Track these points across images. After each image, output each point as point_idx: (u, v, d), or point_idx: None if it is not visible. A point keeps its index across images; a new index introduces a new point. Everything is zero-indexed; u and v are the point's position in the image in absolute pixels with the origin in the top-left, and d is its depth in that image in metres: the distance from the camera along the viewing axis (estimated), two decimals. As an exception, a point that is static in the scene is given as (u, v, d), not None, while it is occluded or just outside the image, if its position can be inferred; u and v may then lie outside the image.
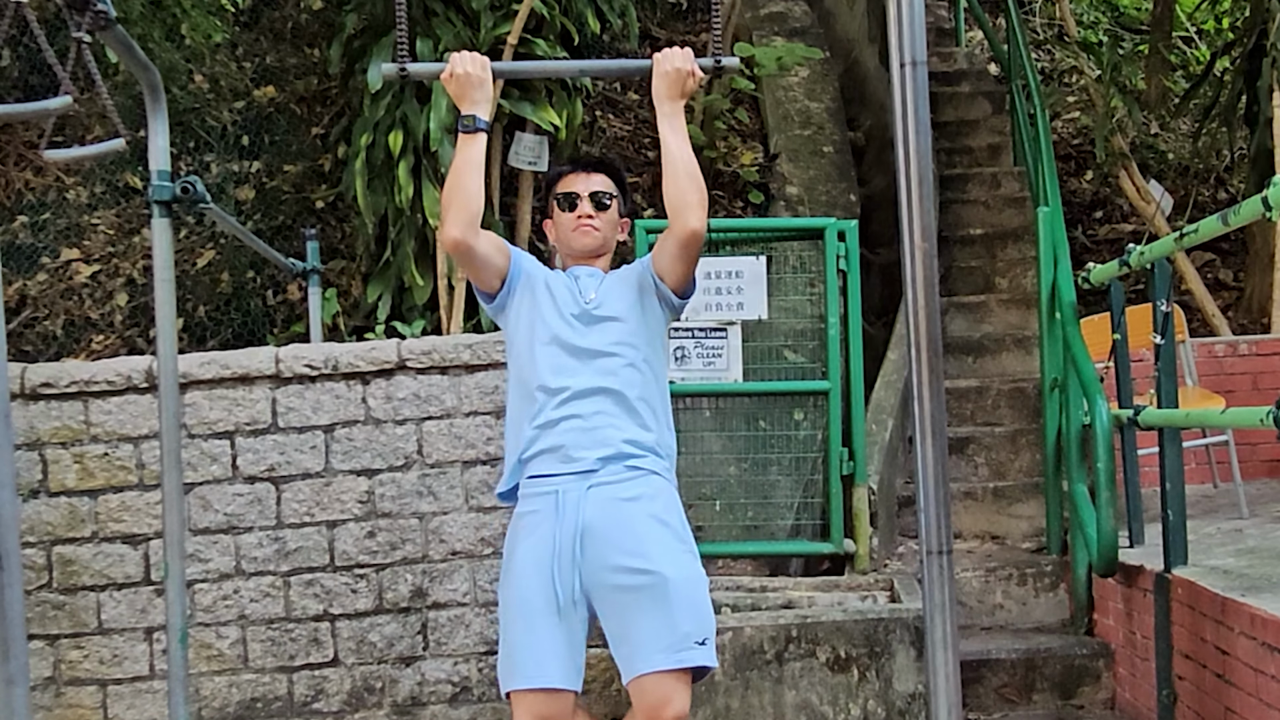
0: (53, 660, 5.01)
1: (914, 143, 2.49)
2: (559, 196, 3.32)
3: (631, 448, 3.11)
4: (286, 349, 5.13)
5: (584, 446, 3.07)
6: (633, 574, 3.00)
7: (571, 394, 3.10)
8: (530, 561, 3.06)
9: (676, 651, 2.98)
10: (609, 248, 3.35)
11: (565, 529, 3.04)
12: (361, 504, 5.08)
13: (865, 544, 5.37)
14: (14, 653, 2.12)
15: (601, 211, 3.29)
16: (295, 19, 8.19)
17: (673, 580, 3.01)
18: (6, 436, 2.12)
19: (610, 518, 3.04)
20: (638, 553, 3.02)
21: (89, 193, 7.43)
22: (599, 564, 3.02)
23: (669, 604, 2.99)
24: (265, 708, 5.05)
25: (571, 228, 3.29)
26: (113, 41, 3.28)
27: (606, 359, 3.13)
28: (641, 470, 3.12)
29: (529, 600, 3.04)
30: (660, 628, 2.98)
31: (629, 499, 3.07)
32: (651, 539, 3.05)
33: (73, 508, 5.03)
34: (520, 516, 3.16)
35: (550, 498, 3.08)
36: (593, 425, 3.09)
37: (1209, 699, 4.06)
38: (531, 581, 3.04)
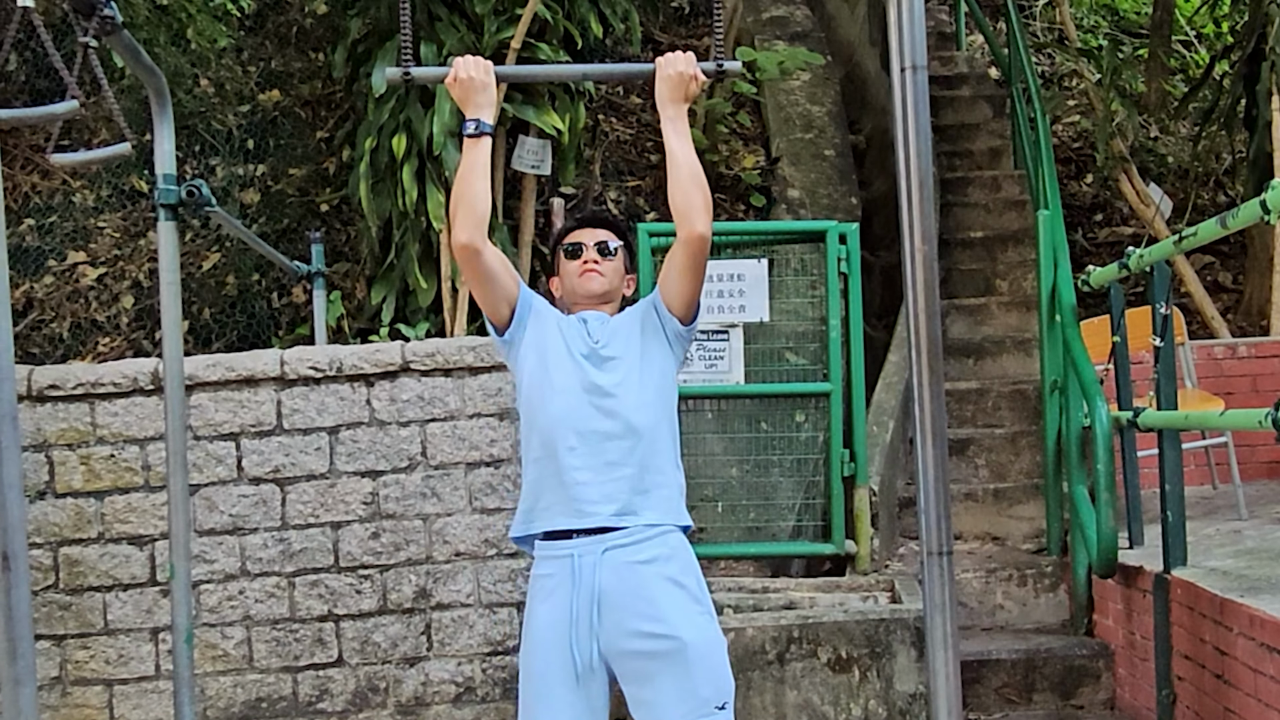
0: (59, 660, 5.02)
1: (915, 146, 2.49)
2: (565, 248, 3.30)
3: (643, 500, 3.05)
4: (291, 351, 5.14)
5: (595, 501, 3.02)
6: (651, 639, 2.96)
7: (582, 440, 3.05)
8: (548, 629, 3.01)
9: (697, 718, 2.95)
10: (615, 296, 3.29)
11: (582, 596, 2.99)
12: (366, 505, 5.08)
13: (866, 545, 5.37)
14: (21, 652, 2.12)
15: (606, 259, 3.25)
16: (300, 23, 8.20)
17: (691, 645, 2.97)
18: (14, 438, 2.13)
19: (626, 583, 2.99)
20: (655, 618, 2.97)
21: (95, 196, 7.44)
22: (617, 630, 2.98)
23: (688, 670, 2.95)
24: (270, 708, 5.05)
25: (578, 273, 3.25)
26: (119, 46, 3.29)
27: (614, 400, 3.08)
28: (656, 528, 3.06)
29: (547, 670, 2.99)
30: (679, 694, 2.95)
31: (645, 561, 3.01)
32: (668, 603, 3.00)
33: (79, 509, 5.04)
34: (537, 579, 3.10)
35: (566, 561, 3.02)
36: (604, 477, 3.03)
37: (1208, 699, 4.06)
38: (550, 650, 2.99)
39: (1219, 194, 9.40)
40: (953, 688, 2.50)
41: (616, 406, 3.07)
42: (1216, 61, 8.95)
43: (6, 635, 2.12)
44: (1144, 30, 11.24)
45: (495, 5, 6.40)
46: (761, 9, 9.43)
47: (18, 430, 2.14)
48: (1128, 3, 12.20)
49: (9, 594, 2.11)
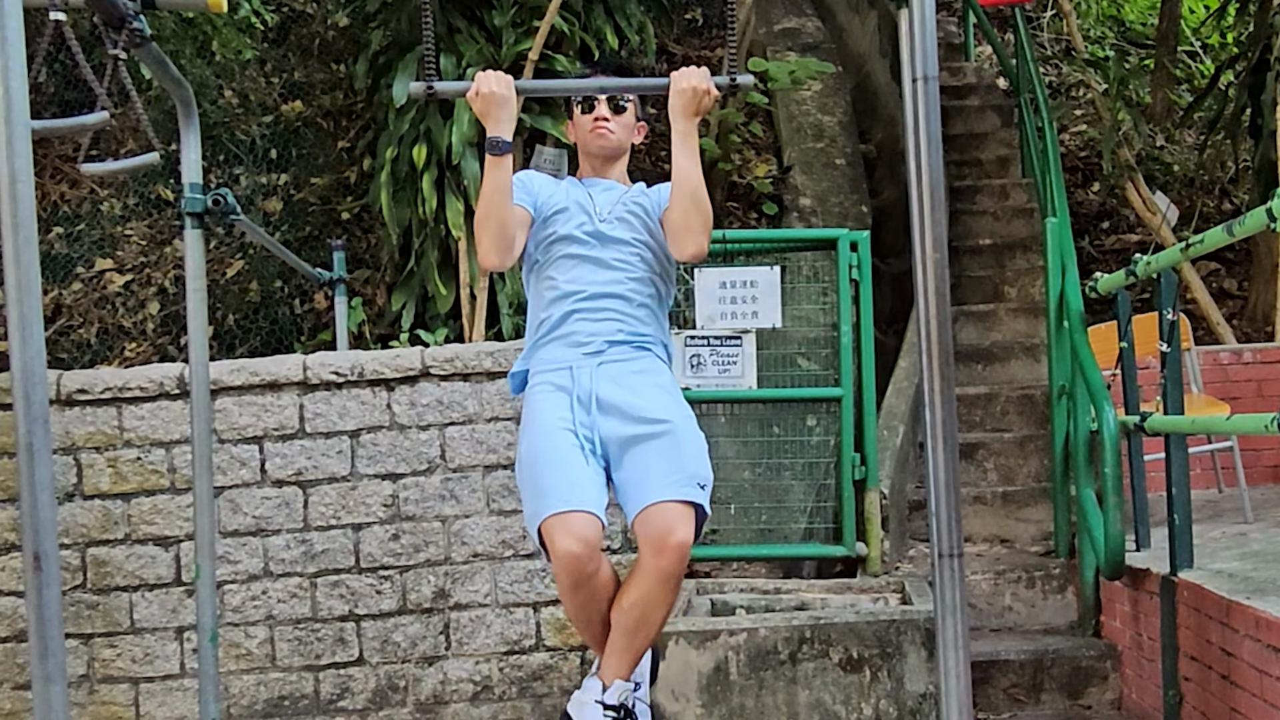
0: (87, 659, 5.04)
1: (925, 155, 2.49)
2: (579, 100, 3.41)
3: (635, 336, 3.28)
4: (314, 356, 5.16)
5: (592, 334, 3.24)
6: (646, 423, 3.15)
7: (584, 295, 3.24)
8: (552, 417, 3.17)
9: (682, 486, 3.10)
10: (624, 149, 3.45)
11: (581, 394, 3.19)
12: (386, 507, 5.10)
13: (877, 547, 5.36)
14: (52, 651, 2.13)
15: (618, 114, 3.38)
16: (322, 36, 8.23)
17: (681, 429, 3.17)
18: (45, 441, 2.14)
19: (621, 384, 3.20)
20: (649, 408, 3.18)
21: (122, 205, 7.48)
22: (615, 418, 3.17)
23: (678, 448, 3.13)
24: (292, 705, 5.06)
25: (589, 129, 3.38)
26: (147, 58, 3.30)
27: (616, 271, 3.28)
28: (647, 350, 3.30)
29: (557, 444, 3.13)
30: (669, 467, 3.11)
31: (637, 371, 3.24)
32: (660, 399, 3.21)
33: (106, 510, 5.06)
34: (535, 387, 3.28)
35: (564, 371, 3.23)
36: (601, 318, 3.25)
37: (1214, 700, 4.05)
38: (557, 431, 3.15)
39: (1224, 202, 9.37)
40: (963, 687, 2.50)
41: (618, 276, 3.27)
42: (1222, 71, 8.92)
43: (38, 634, 2.13)
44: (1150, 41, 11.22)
45: (513, 18, 6.42)
46: (774, 21, 9.44)
47: (49, 433, 2.15)
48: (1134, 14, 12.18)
49: (40, 593, 2.12)
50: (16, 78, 2.14)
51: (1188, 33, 11.15)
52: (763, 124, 8.63)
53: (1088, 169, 9.77)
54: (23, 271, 2.16)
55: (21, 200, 2.16)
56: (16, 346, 2.14)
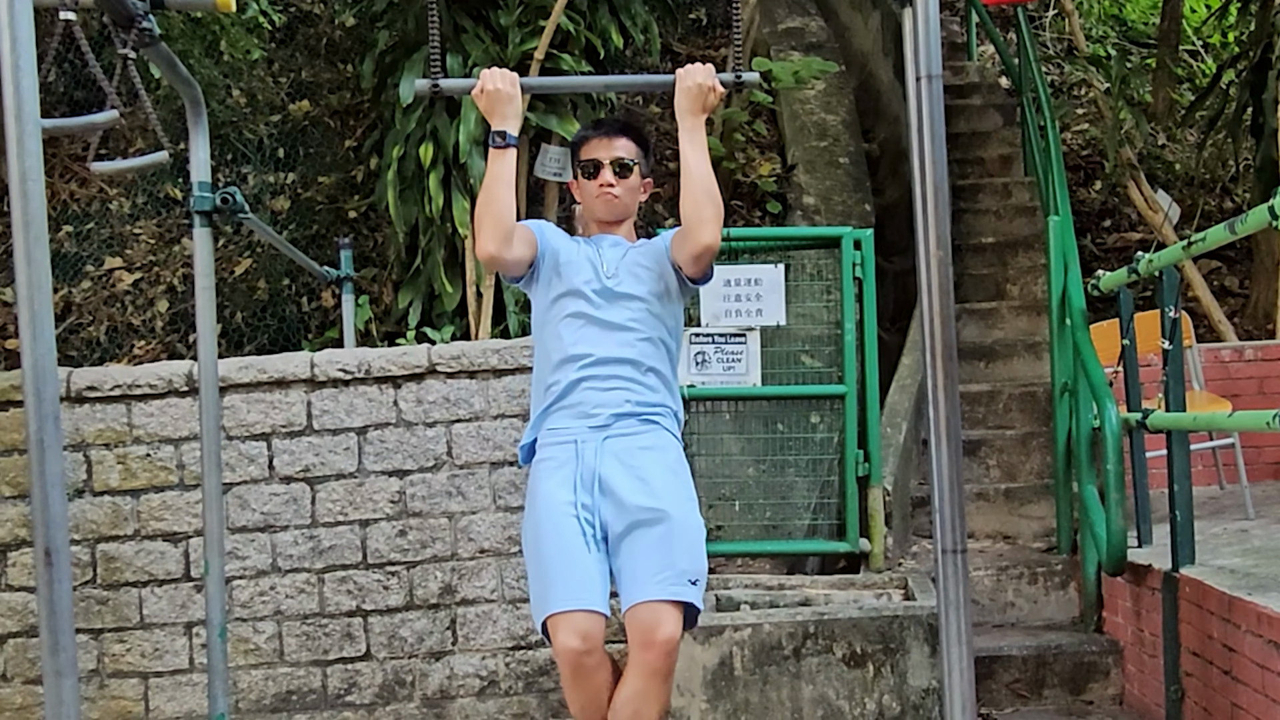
0: (97, 654, 5.04)
1: (929, 154, 2.48)
2: (583, 164, 3.36)
3: (643, 407, 3.23)
4: (321, 354, 5.16)
5: (600, 405, 3.19)
6: (644, 511, 3.11)
7: (592, 360, 3.20)
8: (556, 499, 3.15)
9: (671, 585, 3.08)
10: (630, 212, 3.41)
11: (585, 473, 3.15)
12: (393, 504, 5.10)
13: (880, 543, 5.36)
14: (62, 645, 2.14)
15: (623, 179, 3.33)
16: (329, 36, 8.23)
17: (677, 522, 3.12)
18: (55, 437, 2.14)
19: (625, 462, 3.16)
20: (649, 494, 3.13)
21: (131, 204, 7.48)
22: (615, 504, 3.13)
23: (671, 542, 3.10)
24: (300, 700, 5.07)
25: (594, 195, 3.34)
26: (156, 58, 3.31)
27: (624, 332, 3.23)
28: (653, 424, 3.25)
29: (561, 531, 3.12)
30: (660, 563, 3.08)
31: (642, 448, 3.19)
32: (661, 484, 3.17)
33: (116, 507, 5.07)
34: (540, 462, 3.25)
35: (569, 446, 3.19)
36: (609, 387, 3.20)
37: (1216, 695, 4.04)
38: (560, 515, 3.13)
39: (1225, 200, 9.35)
40: (967, 683, 2.49)
41: (626, 338, 3.22)
42: (1223, 70, 8.90)
43: (48, 628, 2.13)
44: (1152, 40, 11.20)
45: (519, 17, 6.42)
46: (777, 20, 9.43)
47: (59, 429, 2.15)
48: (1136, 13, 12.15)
49: (51, 588, 2.12)
50: (27, 76, 2.14)
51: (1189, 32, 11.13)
52: (766, 123, 8.62)
53: (1089, 167, 9.76)
54: (33, 269, 2.16)
55: (32, 198, 2.16)
56: (27, 343, 2.14)
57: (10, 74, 2.13)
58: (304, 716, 5.06)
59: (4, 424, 5.07)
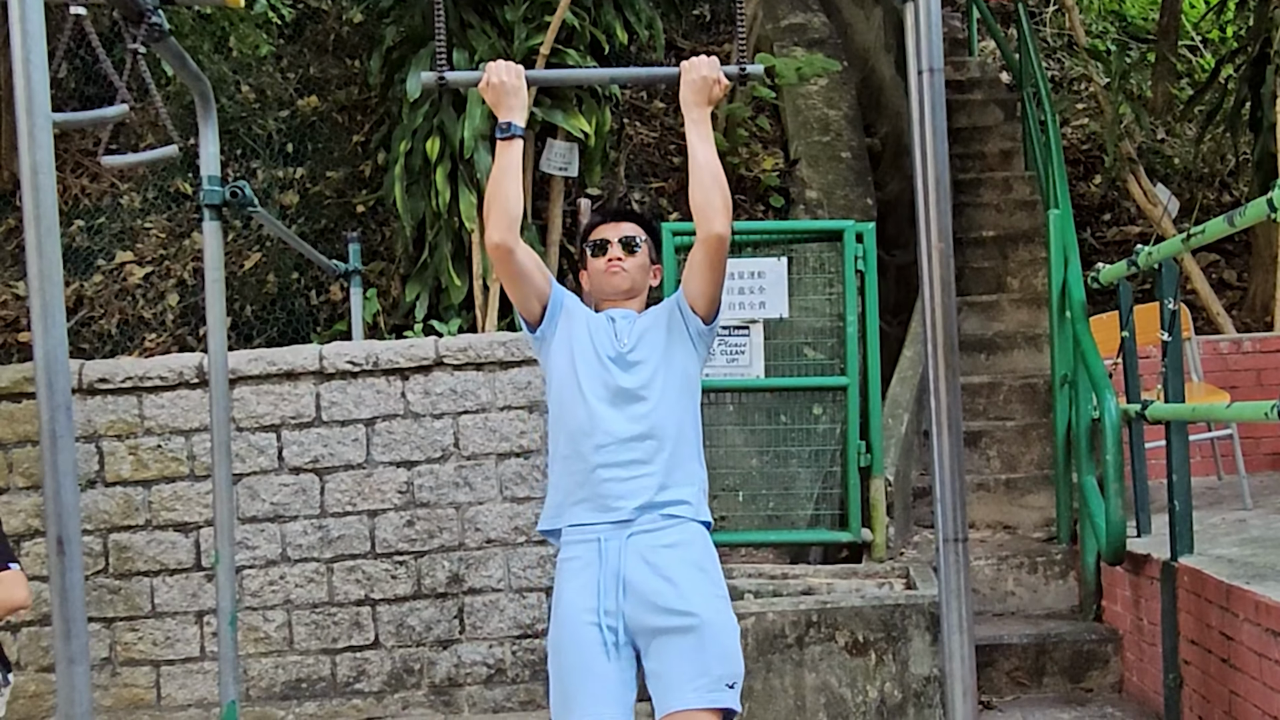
0: (109, 642, 5.06)
1: (931, 147, 2.47)
2: (591, 244, 3.28)
3: (667, 495, 3.07)
4: (330, 346, 5.16)
5: (621, 496, 3.04)
6: (671, 615, 2.98)
7: (609, 440, 3.05)
8: (578, 606, 3.03)
9: (708, 692, 2.96)
10: (640, 290, 3.29)
11: (608, 575, 3.02)
12: (401, 494, 5.10)
13: (882, 533, 5.36)
14: (75, 633, 2.14)
15: (631, 255, 3.24)
16: (337, 32, 8.22)
17: (708, 624, 2.99)
18: (68, 429, 2.14)
19: (650, 564, 3.02)
20: (676, 596, 2.99)
21: (142, 198, 7.48)
22: (640, 607, 3.00)
23: (704, 647, 2.97)
24: (310, 688, 5.08)
25: (604, 270, 3.24)
26: (166, 53, 3.30)
27: (641, 403, 3.09)
28: (678, 518, 3.08)
29: (581, 643, 3.00)
30: (694, 669, 2.96)
31: (667, 545, 3.04)
32: (689, 584, 3.02)
33: (128, 497, 5.07)
34: (565, 562, 3.11)
35: (593, 545, 3.05)
36: (630, 474, 3.04)
37: (1214, 683, 4.04)
38: (582, 626, 3.01)
39: (1224, 194, 9.32)
40: (968, 670, 2.49)
41: (642, 410, 3.08)
42: (1222, 66, 8.87)
43: (61, 616, 2.13)
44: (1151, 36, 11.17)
45: (525, 13, 6.41)
46: (780, 16, 9.41)
47: (71, 421, 2.15)
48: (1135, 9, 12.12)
49: (64, 577, 2.12)
50: (38, 71, 2.14)
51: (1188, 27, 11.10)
52: (770, 118, 8.60)
53: (1089, 162, 9.73)
54: (45, 261, 2.15)
55: (43, 192, 2.15)
56: (39, 335, 2.14)
57: (22, 69, 2.13)
58: (313, 704, 5.07)
59: (17, 415, 5.07)
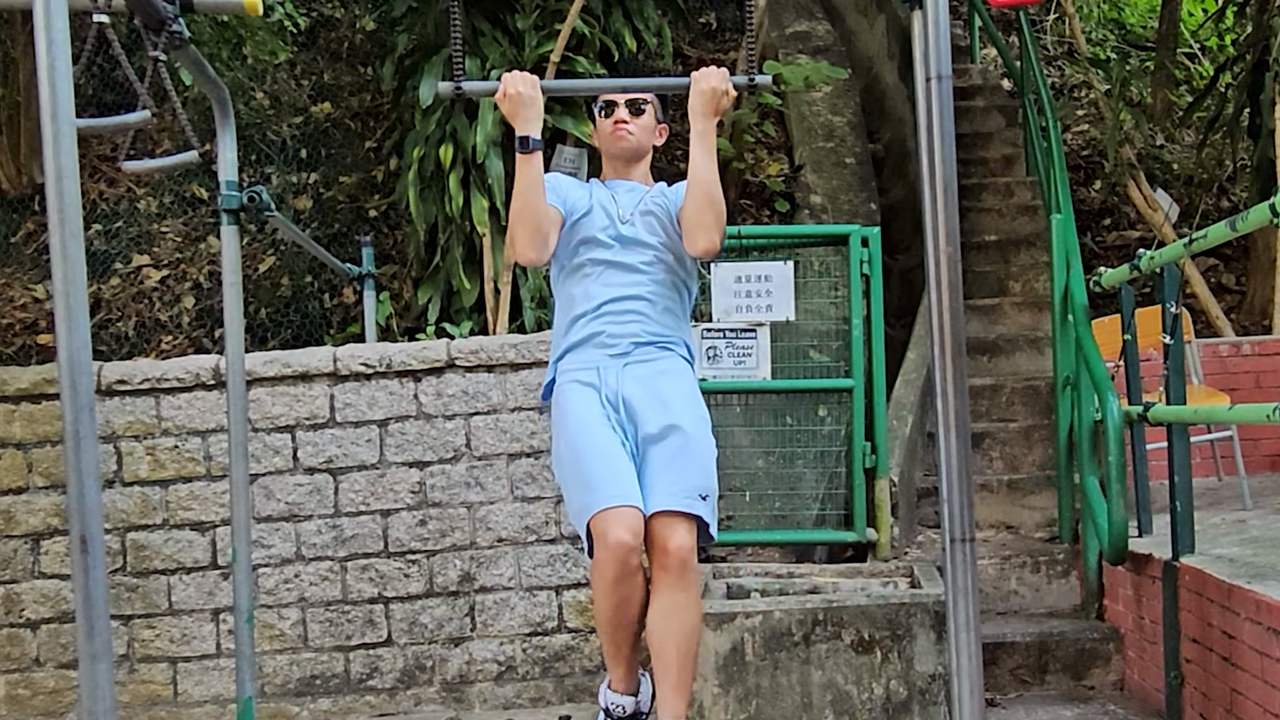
0: (127, 639, 5.06)
1: (939, 153, 2.48)
2: (600, 105, 3.44)
3: (658, 337, 3.32)
4: (344, 349, 5.16)
5: (618, 335, 3.28)
6: (663, 429, 3.20)
7: (609, 299, 3.29)
8: (588, 412, 3.22)
9: (685, 498, 3.16)
10: (645, 150, 3.46)
11: (609, 395, 3.24)
12: (413, 494, 5.10)
13: (887, 533, 5.35)
14: (97, 630, 2.14)
15: (637, 116, 3.40)
16: (350, 39, 8.24)
17: (693, 440, 3.22)
18: (90, 428, 2.14)
19: (645, 385, 3.25)
20: (668, 413, 3.22)
21: (158, 203, 7.49)
22: (637, 422, 3.22)
23: (686, 459, 3.19)
24: (324, 684, 5.08)
25: (609, 131, 3.41)
26: (185, 60, 3.31)
27: (639, 274, 3.31)
28: (669, 351, 3.34)
29: (598, 437, 3.18)
30: (674, 477, 3.17)
31: (661, 372, 3.29)
32: (679, 403, 3.26)
33: (145, 497, 5.08)
34: (563, 387, 3.32)
35: (592, 371, 3.27)
36: (626, 320, 3.29)
37: (1215, 681, 4.03)
38: (596, 422, 3.20)
39: (1222, 199, 9.30)
40: (975, 668, 2.49)
41: (640, 280, 3.30)
42: (1221, 73, 8.86)
43: (84, 614, 2.13)
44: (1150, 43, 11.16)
45: (535, 21, 6.41)
46: (785, 24, 9.40)
47: (94, 420, 2.15)
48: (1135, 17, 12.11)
49: (86, 575, 2.12)
50: (62, 78, 2.14)
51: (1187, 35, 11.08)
52: (775, 124, 8.60)
53: (1090, 167, 9.72)
54: (69, 265, 2.16)
55: (67, 196, 2.16)
56: (63, 337, 2.14)
57: (46, 75, 2.13)
58: (327, 700, 5.07)
59: (37, 416, 5.08)
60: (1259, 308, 8.13)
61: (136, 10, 2.92)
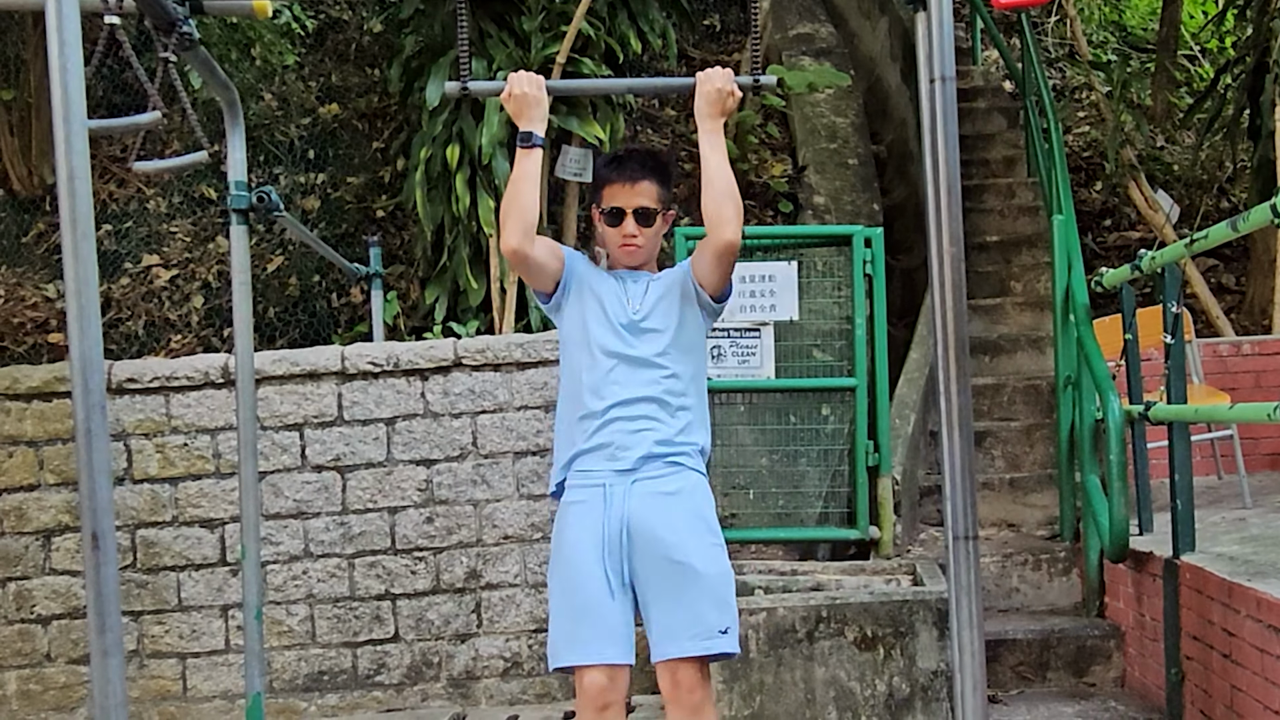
0: (137, 635, 5.06)
1: (942, 154, 2.47)
2: (605, 210, 3.22)
3: (669, 448, 3.11)
4: (351, 348, 5.17)
5: (627, 447, 3.07)
6: (671, 564, 3.01)
7: (619, 401, 3.09)
8: (582, 547, 3.05)
9: (703, 640, 3.00)
10: (653, 256, 3.29)
11: (612, 520, 3.04)
12: (420, 491, 5.10)
13: (889, 531, 5.35)
14: (109, 626, 2.14)
15: (646, 226, 3.21)
16: (357, 41, 8.24)
17: (705, 575, 3.02)
18: (102, 425, 2.14)
19: (652, 511, 3.04)
20: (677, 545, 3.02)
21: (167, 203, 7.50)
22: (643, 553, 3.03)
23: (700, 595, 3.00)
24: (331, 680, 5.08)
25: (617, 245, 3.22)
26: (195, 61, 3.31)
27: (652, 369, 3.11)
28: (680, 466, 3.12)
29: (585, 582, 3.02)
30: (690, 617, 2.99)
31: (669, 493, 3.07)
32: (689, 533, 3.05)
33: (155, 494, 5.08)
34: (568, 505, 3.14)
35: (598, 490, 3.07)
36: (637, 427, 3.08)
37: (1216, 678, 4.02)
38: (585, 564, 3.03)
39: (1222, 200, 9.30)
40: (978, 664, 2.48)
41: (653, 375, 3.11)
42: (1221, 75, 8.85)
43: (96, 610, 2.13)
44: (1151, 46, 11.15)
45: (542, 23, 6.41)
46: (789, 26, 9.40)
47: (106, 418, 2.15)
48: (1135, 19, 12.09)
49: (98, 571, 2.12)
50: (74, 79, 2.14)
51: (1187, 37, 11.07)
52: (778, 126, 8.60)
53: (1091, 168, 9.71)
54: (81, 264, 2.15)
55: (79, 196, 2.16)
56: (75, 336, 2.14)
57: (59, 76, 2.13)
58: (335, 696, 5.07)
59: (48, 414, 5.09)
60: (1259, 308, 8.12)
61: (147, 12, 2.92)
